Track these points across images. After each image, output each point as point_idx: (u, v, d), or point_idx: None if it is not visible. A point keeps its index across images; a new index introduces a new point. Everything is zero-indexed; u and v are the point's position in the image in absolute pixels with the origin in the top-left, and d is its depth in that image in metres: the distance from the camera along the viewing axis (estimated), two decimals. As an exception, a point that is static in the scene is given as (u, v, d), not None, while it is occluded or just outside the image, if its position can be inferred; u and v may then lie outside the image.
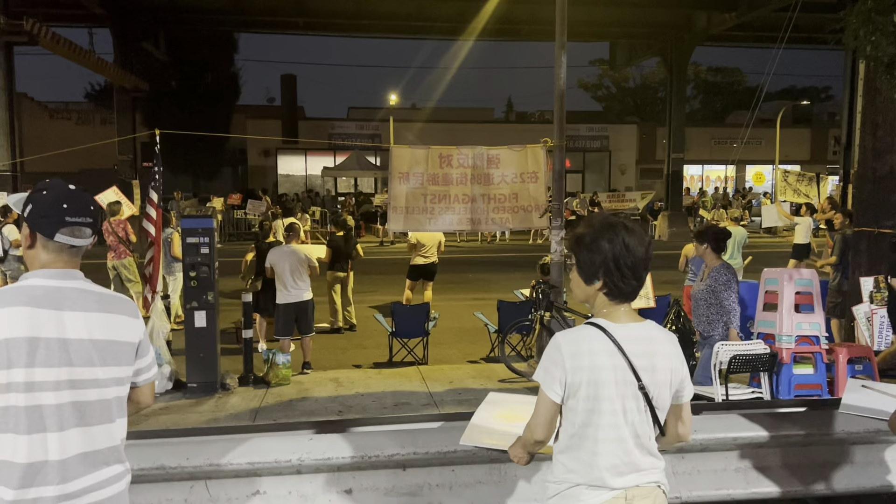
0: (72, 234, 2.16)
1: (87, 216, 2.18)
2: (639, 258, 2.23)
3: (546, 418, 2.30)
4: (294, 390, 7.54)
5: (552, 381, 2.24)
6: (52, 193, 2.19)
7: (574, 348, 2.23)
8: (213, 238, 7.60)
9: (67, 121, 42.46)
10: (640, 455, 2.26)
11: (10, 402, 2.01)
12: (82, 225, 2.17)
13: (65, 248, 2.16)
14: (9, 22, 14.39)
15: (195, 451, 2.57)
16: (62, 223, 2.14)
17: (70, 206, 2.16)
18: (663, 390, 2.27)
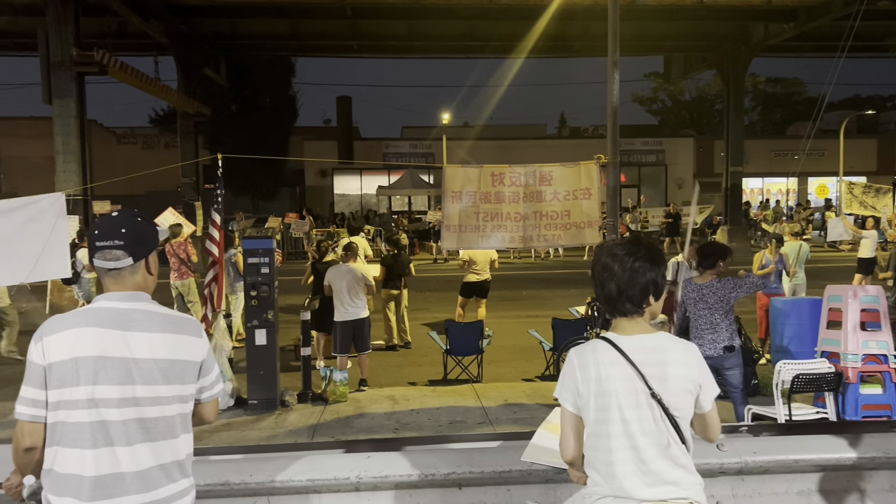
0: (103, 258, 2.27)
1: (115, 239, 2.27)
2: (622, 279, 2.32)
3: (569, 434, 2.37)
4: (351, 407, 7.64)
5: (567, 393, 2.35)
6: (93, 225, 2.36)
7: (582, 360, 2.32)
8: (273, 258, 7.80)
9: (134, 145, 44.19)
10: (666, 466, 2.26)
11: (73, 418, 2.13)
12: (111, 248, 2.26)
13: (105, 272, 2.28)
14: (80, 53, 15.14)
15: (258, 468, 2.65)
16: (94, 248, 2.28)
17: (99, 231, 2.29)
18: (680, 398, 2.29)
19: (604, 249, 2.41)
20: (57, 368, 2.13)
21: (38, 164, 42.68)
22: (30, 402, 2.16)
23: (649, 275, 2.32)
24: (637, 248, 2.35)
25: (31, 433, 2.16)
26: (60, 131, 15.41)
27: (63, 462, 2.13)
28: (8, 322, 9.74)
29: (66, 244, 7.72)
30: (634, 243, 2.37)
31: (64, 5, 15.06)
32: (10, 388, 8.72)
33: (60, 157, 15.41)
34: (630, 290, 2.32)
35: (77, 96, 15.42)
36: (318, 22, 23.36)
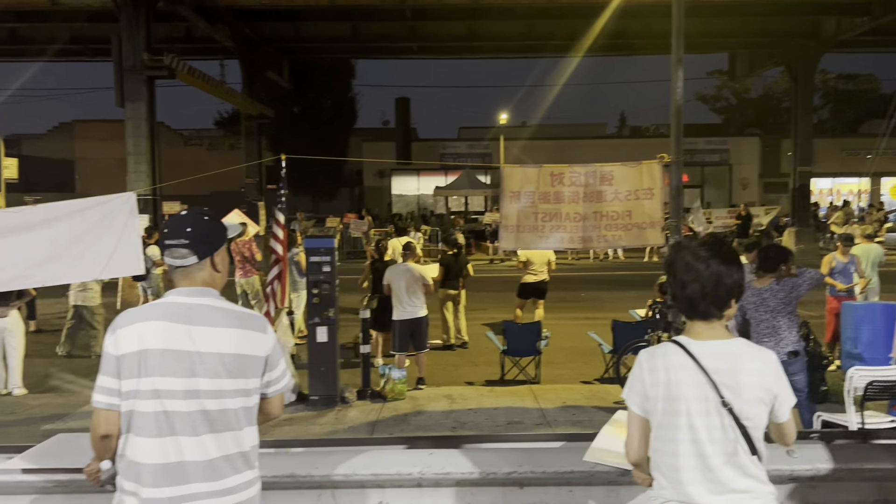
0: (171, 256, 2.36)
1: (181, 238, 2.36)
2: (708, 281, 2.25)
3: (635, 436, 2.34)
4: (409, 405, 7.70)
5: (634, 395, 2.32)
6: (164, 223, 2.45)
7: (652, 363, 2.29)
8: (335, 257, 7.93)
9: (199, 147, 45.56)
10: (733, 475, 2.21)
11: (142, 408, 2.22)
12: (178, 246, 2.35)
13: (172, 269, 2.39)
14: (151, 58, 15.71)
15: (322, 461, 2.71)
16: (164, 246, 2.38)
17: (168, 230, 2.39)
18: (753, 407, 2.23)
19: (686, 249, 2.34)
20: (127, 359, 2.23)
21: (110, 165, 44.42)
22: (105, 390, 2.26)
23: (735, 276, 2.27)
24: (721, 249, 2.30)
25: (107, 420, 2.26)
26: (132, 133, 16.02)
27: (133, 449, 2.23)
28: (98, 322, 10.09)
29: (138, 242, 7.98)
30: (718, 244, 2.31)
31: (136, 12, 15.65)
32: (85, 379, 9.11)
33: (132, 158, 16.02)
34: (715, 293, 2.26)
35: (148, 99, 16.00)
36: (379, 24, 23.63)
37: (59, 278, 8.11)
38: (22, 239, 7.72)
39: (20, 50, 25.40)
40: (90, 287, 9.91)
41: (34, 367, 8.93)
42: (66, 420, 7.21)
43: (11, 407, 7.79)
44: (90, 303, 10.00)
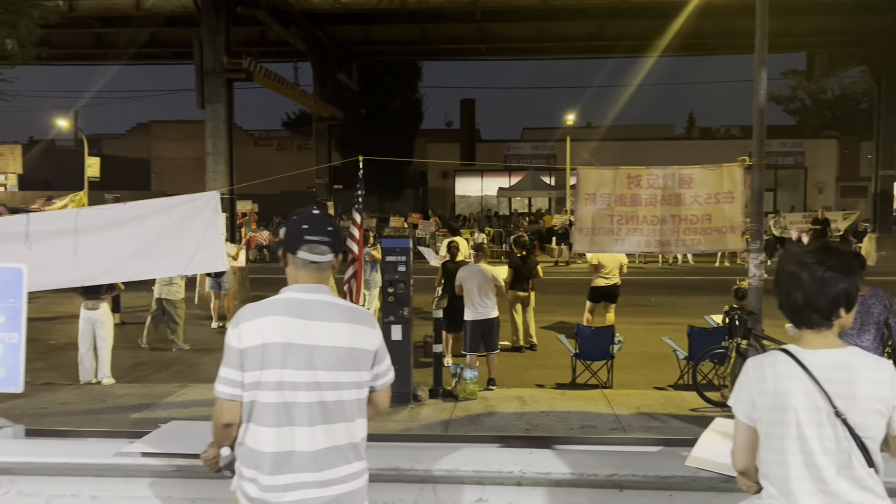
0: (311, 251, 2.44)
1: (324, 235, 2.46)
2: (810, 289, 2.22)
3: (742, 444, 2.31)
4: (481, 405, 7.73)
5: (741, 404, 2.29)
6: (298, 218, 2.52)
7: (760, 372, 2.25)
8: (410, 257, 8.03)
9: (269, 147, 46.72)
10: (848, 488, 2.15)
11: (263, 398, 2.32)
12: (319, 243, 2.45)
13: (307, 264, 2.45)
14: (230, 61, 16.23)
15: (425, 456, 2.77)
16: (302, 241, 2.45)
17: (310, 226, 2.47)
18: (869, 419, 2.16)
19: (791, 257, 2.32)
20: (250, 352, 2.33)
21: (184, 165, 46.03)
22: (228, 381, 2.36)
23: (841, 285, 2.22)
24: (828, 257, 2.24)
25: (229, 410, 2.36)
26: (211, 134, 16.58)
27: (253, 437, 2.33)
28: (179, 315, 10.47)
29: (221, 239, 8.25)
30: (825, 251, 2.27)
31: (217, 16, 16.19)
32: (166, 371, 9.46)
33: (210, 158, 16.58)
34: (818, 301, 2.22)
35: (226, 101, 16.54)
36: (448, 26, 23.79)
37: (145, 273, 8.47)
38: (111, 235, 8.08)
39: (103, 54, 26.52)
40: (175, 282, 10.29)
41: (119, 359, 9.31)
42: (153, 410, 7.50)
43: (101, 395, 8.14)
44: (174, 297, 10.37)
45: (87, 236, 7.97)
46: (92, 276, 8.13)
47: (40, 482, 2.99)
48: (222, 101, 16.39)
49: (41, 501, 2.98)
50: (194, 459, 2.65)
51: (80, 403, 7.75)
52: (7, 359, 3.13)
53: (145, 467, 2.91)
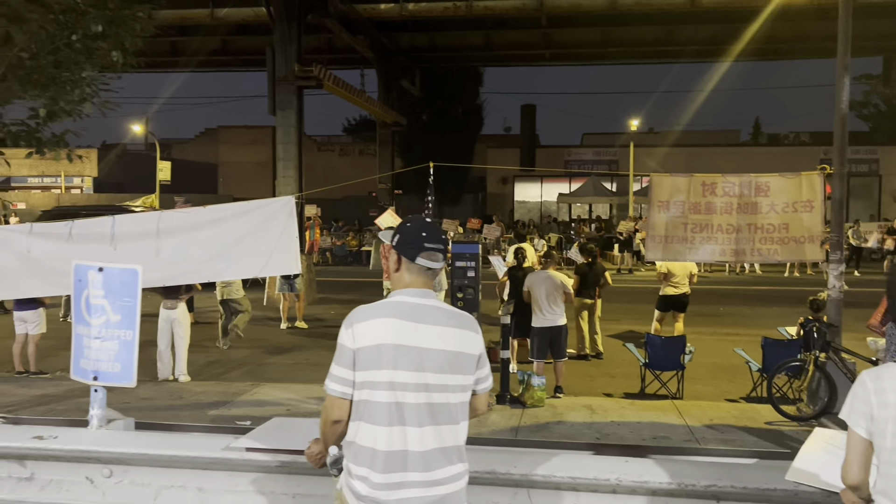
0: (429, 258, 2.53)
1: (440, 243, 2.56)
2: None
3: (856, 458, 2.26)
4: (549, 413, 7.71)
5: (858, 417, 2.25)
6: (414, 225, 2.60)
7: (879, 384, 2.21)
8: (479, 263, 8.09)
9: (331, 152, 47.53)
10: None
11: (375, 398, 2.40)
12: (436, 251, 2.54)
13: (423, 271, 2.54)
14: (301, 69, 16.63)
15: (520, 461, 2.82)
16: (422, 249, 2.53)
17: (428, 234, 2.55)
18: None
19: None
20: (364, 353, 2.41)
21: (249, 169, 47.24)
22: (339, 380, 2.45)
23: None
24: None
25: (339, 408, 2.46)
26: (282, 140, 17.00)
27: (363, 436, 2.41)
28: (242, 310, 10.82)
29: (296, 243, 8.46)
30: None
31: (289, 25, 16.62)
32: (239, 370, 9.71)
33: (281, 163, 16.99)
34: None
35: (297, 108, 16.94)
36: (512, 32, 23.84)
37: (223, 275, 8.77)
38: (192, 238, 8.37)
39: (176, 61, 27.47)
40: (231, 283, 10.61)
41: (194, 357, 9.60)
42: (229, 407, 7.73)
43: (179, 392, 8.43)
44: (234, 295, 10.72)
45: (168, 238, 8.28)
46: (173, 277, 8.45)
47: (151, 473, 3.15)
48: (293, 107, 16.79)
49: (152, 491, 3.14)
50: (297, 455, 2.76)
51: (159, 399, 8.04)
52: (122, 355, 3.31)
53: (249, 462, 3.04)
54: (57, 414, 7.07)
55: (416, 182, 27.94)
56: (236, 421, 6.88)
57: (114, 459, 3.21)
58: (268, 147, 43.49)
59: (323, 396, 6.36)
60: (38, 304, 8.99)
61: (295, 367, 9.85)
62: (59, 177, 42.57)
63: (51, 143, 5.55)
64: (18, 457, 3.35)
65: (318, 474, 2.92)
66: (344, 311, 10.79)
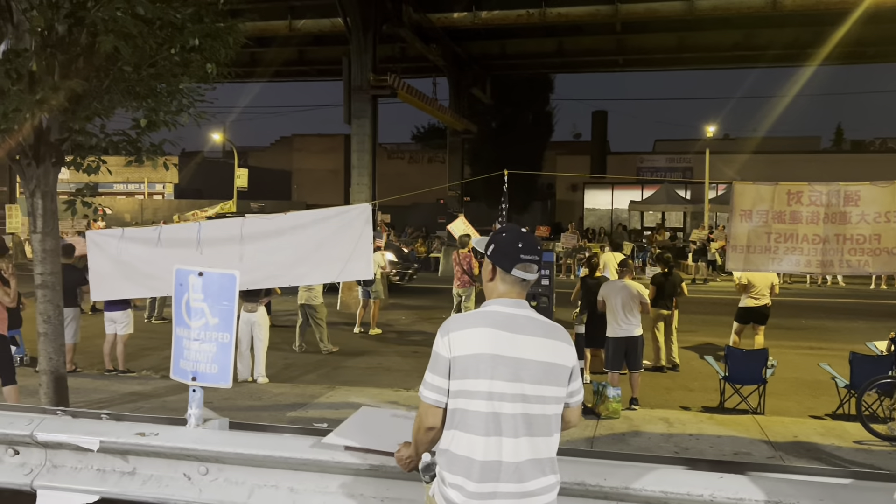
0: (525, 270, 2.53)
1: (535, 255, 2.56)
2: None
3: None
4: (624, 425, 7.60)
5: None
6: (510, 236, 2.59)
7: None
8: (553, 271, 8.05)
9: (401, 160, 48.09)
10: None
11: (472, 407, 2.41)
12: (532, 262, 2.54)
13: (518, 282, 2.54)
14: (376, 78, 16.93)
15: (611, 473, 2.80)
16: (518, 260, 2.53)
17: (524, 245, 2.55)
18: None
19: None
20: (460, 361, 2.43)
21: (322, 176, 48.28)
22: (434, 388, 2.48)
23: None
24: None
25: (433, 415, 2.48)
26: (356, 148, 17.34)
27: (458, 444, 2.42)
28: (320, 319, 10.99)
29: (371, 249, 8.61)
30: None
31: (365, 35, 16.94)
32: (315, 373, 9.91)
33: (355, 170, 17.32)
34: None
35: (371, 117, 17.25)
36: (586, 39, 23.65)
37: (302, 279, 8.98)
38: (273, 243, 8.62)
39: (254, 72, 28.34)
40: (314, 287, 10.80)
41: (272, 359, 9.86)
42: (306, 409, 7.91)
43: (258, 393, 8.67)
44: (313, 301, 10.90)
45: (251, 244, 8.56)
46: (256, 281, 8.72)
47: (245, 472, 3.27)
48: (367, 116, 17.10)
49: (245, 490, 3.25)
50: (387, 458, 2.81)
51: (239, 400, 8.28)
52: (220, 357, 3.45)
53: (339, 464, 3.11)
54: (144, 411, 7.38)
55: (486, 189, 27.98)
56: (314, 423, 7.03)
57: (210, 457, 3.35)
58: (339, 155, 44.40)
59: (397, 401, 6.46)
60: (127, 305, 9.40)
61: (368, 372, 10.00)
62: (143, 183, 44.50)
63: (149, 152, 5.83)
64: (122, 452, 3.53)
65: (406, 478, 2.97)
66: (414, 318, 11.00)
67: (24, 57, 4.66)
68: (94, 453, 3.49)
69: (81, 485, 3.49)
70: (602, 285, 8.72)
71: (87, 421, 3.73)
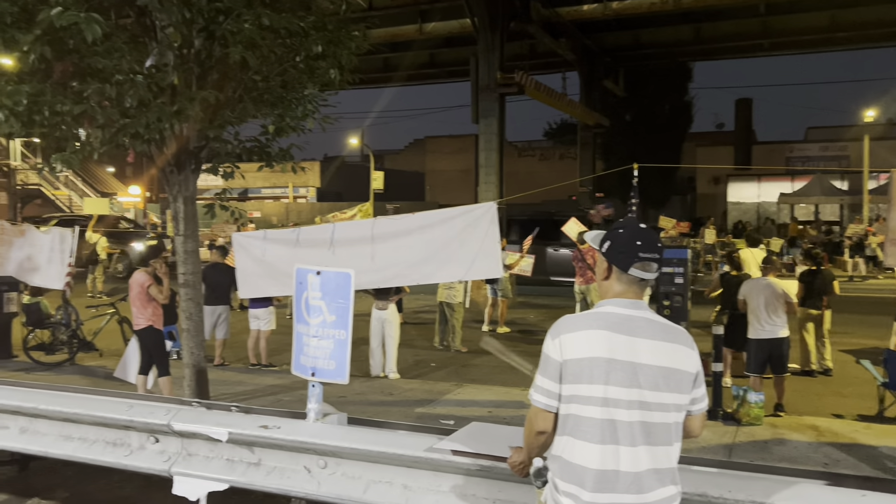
0: (643, 269, 2.37)
1: (655, 252, 2.38)
2: None
3: None
4: (767, 432, 7.11)
5: None
6: (628, 232, 2.42)
7: None
8: (688, 269, 7.67)
9: (531, 158, 47.84)
10: None
11: (585, 413, 2.28)
12: (651, 260, 2.37)
13: (635, 281, 2.38)
14: (504, 76, 16.91)
15: (738, 486, 2.58)
16: (636, 258, 2.37)
17: (643, 243, 2.38)
18: None
19: None
20: (571, 365, 2.30)
21: (453, 177, 48.96)
22: (545, 392, 2.37)
23: None
24: None
25: (544, 419, 2.38)
26: (484, 147, 17.39)
27: (572, 452, 2.30)
28: (457, 319, 11.08)
29: (498, 248, 8.58)
30: None
31: (492, 34, 16.97)
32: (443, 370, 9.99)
33: (483, 170, 17.38)
34: None
35: (499, 115, 17.25)
36: (726, 23, 22.46)
37: (429, 278, 9.09)
38: (402, 243, 8.80)
39: (388, 77, 29.14)
40: (454, 286, 10.89)
41: (402, 356, 10.05)
42: (434, 406, 7.99)
43: (389, 389, 8.88)
44: (453, 300, 10.99)
45: (382, 244, 8.79)
46: (386, 279, 8.95)
47: (361, 467, 3.33)
48: (495, 115, 17.10)
49: (362, 485, 3.31)
50: (499, 462, 2.74)
51: (371, 395, 8.51)
52: (337, 353, 3.54)
53: (451, 464, 3.09)
54: (283, 404, 7.74)
55: (619, 185, 27.19)
56: (440, 420, 7.10)
57: (328, 452, 3.43)
58: (471, 155, 44.81)
59: (523, 401, 6.36)
60: (269, 302, 9.93)
61: (496, 370, 9.98)
62: (287, 187, 47.05)
63: (278, 157, 6.11)
64: (248, 443, 3.70)
65: (518, 481, 2.89)
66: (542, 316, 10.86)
67: (164, 71, 5.03)
68: (224, 444, 3.68)
69: (213, 473, 3.70)
70: (743, 284, 8.20)
71: (219, 413, 3.95)
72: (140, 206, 33.99)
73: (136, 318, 7.43)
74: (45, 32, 4.68)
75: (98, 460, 4.18)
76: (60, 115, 5.02)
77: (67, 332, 10.42)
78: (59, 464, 5.58)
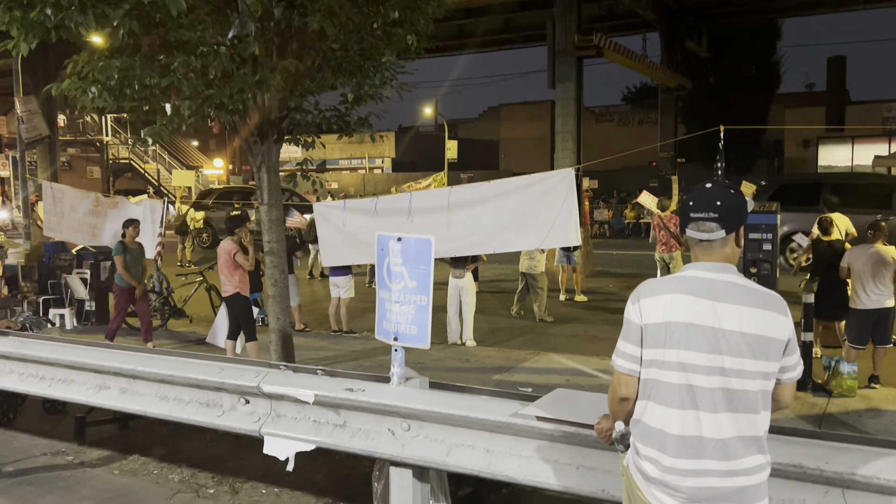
0: (697, 229, 2.30)
1: (710, 211, 2.27)
2: None
3: None
4: (861, 403, 6.83)
5: None
6: (690, 193, 2.37)
7: None
8: (777, 235, 7.38)
9: (610, 123, 46.76)
10: None
11: (664, 377, 2.25)
12: (706, 220, 2.28)
13: (697, 243, 2.32)
14: (581, 39, 16.50)
15: (834, 457, 2.49)
16: (688, 219, 2.32)
17: (695, 203, 2.31)
18: None
19: None
20: (651, 329, 2.27)
21: (528, 144, 48.39)
22: (627, 356, 2.35)
23: None
24: None
25: (627, 384, 2.36)
26: (561, 112, 17.06)
27: (651, 416, 2.28)
28: (541, 288, 11.01)
29: (576, 215, 8.43)
30: None
31: (570, -4, 16.56)
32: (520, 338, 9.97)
33: (559, 136, 17.07)
34: None
35: (576, 80, 16.85)
36: (819, -25, 21.16)
37: (507, 246, 9.07)
38: (479, 211, 8.78)
39: (463, 44, 28.85)
40: (535, 256, 10.82)
41: (479, 324, 10.10)
42: (511, 373, 8.01)
43: (466, 355, 8.95)
44: (535, 270, 10.92)
45: (458, 212, 8.80)
46: (463, 248, 8.98)
47: (444, 430, 3.37)
48: (572, 79, 16.72)
49: (444, 447, 3.35)
50: (584, 429, 2.71)
51: (449, 361, 8.59)
52: (418, 319, 3.57)
53: (534, 429, 3.09)
54: (365, 368, 7.92)
55: (702, 149, 26.25)
56: (518, 387, 7.10)
57: (411, 415, 3.48)
58: (546, 122, 44.14)
59: (602, 368, 6.29)
60: (349, 271, 10.12)
61: (573, 339, 9.91)
62: (364, 158, 47.64)
63: (357, 126, 6.16)
64: (334, 405, 3.79)
65: (603, 448, 2.86)
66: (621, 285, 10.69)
67: (246, 42, 5.12)
68: (311, 406, 3.79)
69: (300, 434, 3.82)
70: (848, 251, 7.81)
71: (305, 376, 4.06)
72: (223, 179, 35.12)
73: (224, 286, 7.70)
74: (133, 7, 4.84)
75: (192, 420, 4.37)
76: (149, 88, 5.20)
77: (159, 299, 10.92)
78: (156, 423, 5.89)
